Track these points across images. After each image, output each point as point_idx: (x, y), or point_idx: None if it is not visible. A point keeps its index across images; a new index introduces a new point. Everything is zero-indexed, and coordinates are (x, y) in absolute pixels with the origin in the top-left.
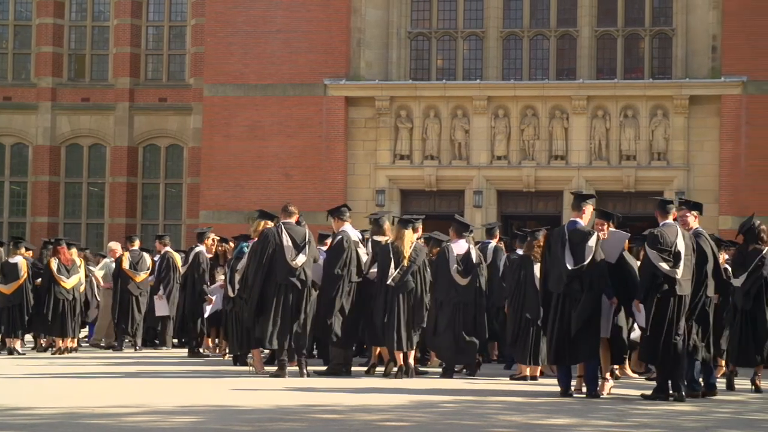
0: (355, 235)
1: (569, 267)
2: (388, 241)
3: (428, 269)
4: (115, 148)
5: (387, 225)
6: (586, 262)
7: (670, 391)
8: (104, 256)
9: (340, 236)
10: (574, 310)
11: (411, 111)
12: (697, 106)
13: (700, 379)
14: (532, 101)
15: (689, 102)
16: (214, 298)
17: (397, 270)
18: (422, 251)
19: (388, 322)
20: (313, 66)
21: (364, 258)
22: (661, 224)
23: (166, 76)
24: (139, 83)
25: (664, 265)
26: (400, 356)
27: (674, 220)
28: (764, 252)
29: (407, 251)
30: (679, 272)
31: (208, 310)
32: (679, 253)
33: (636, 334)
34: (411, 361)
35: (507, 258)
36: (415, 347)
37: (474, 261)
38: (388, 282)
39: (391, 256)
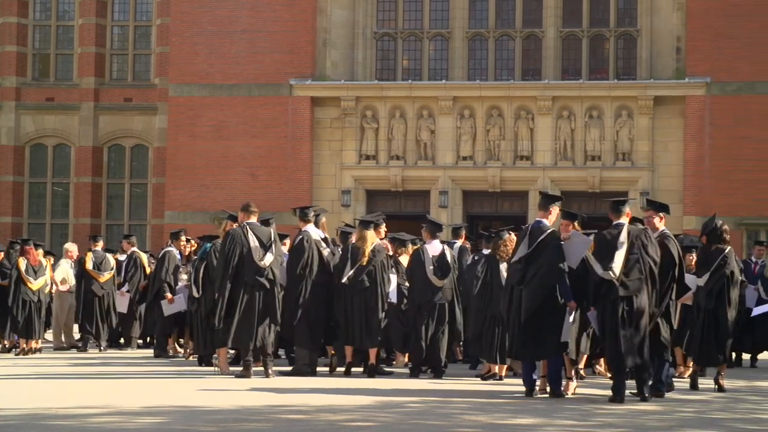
0: (316, 234)
1: (518, 261)
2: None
3: (387, 270)
4: (80, 148)
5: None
6: (530, 249)
7: (629, 392)
8: (53, 255)
9: (301, 236)
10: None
11: (377, 111)
12: (661, 107)
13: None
14: (498, 102)
15: (654, 103)
16: (176, 297)
17: (353, 269)
18: (381, 252)
19: (344, 320)
20: (279, 66)
21: (329, 258)
22: (613, 224)
23: (132, 76)
24: (104, 83)
25: (597, 268)
26: (349, 351)
27: (630, 221)
28: (726, 251)
29: (367, 251)
30: (614, 273)
31: (165, 308)
32: (614, 254)
33: None
34: (372, 359)
35: (471, 258)
36: (377, 346)
37: (449, 261)
38: (342, 280)
39: (349, 256)
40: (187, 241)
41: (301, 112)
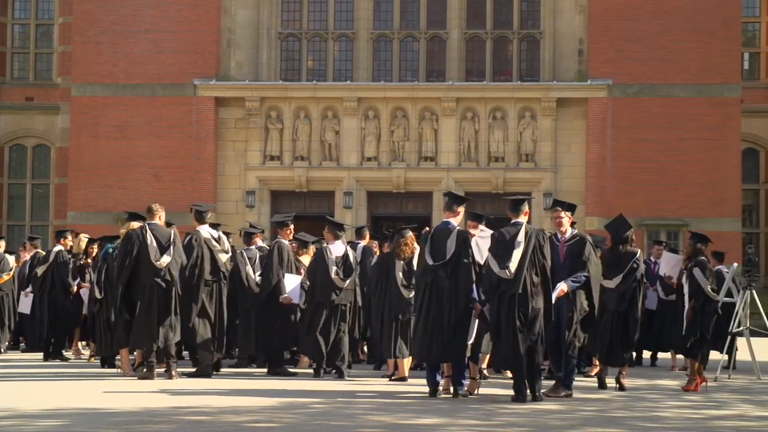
0: (206, 233)
1: (430, 263)
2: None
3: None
4: None
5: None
6: (446, 259)
7: (528, 392)
8: None
9: (189, 236)
10: (445, 305)
11: (281, 112)
12: (564, 109)
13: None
14: (402, 103)
15: (556, 104)
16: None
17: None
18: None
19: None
20: (183, 66)
21: (223, 258)
22: (511, 223)
23: (33, 75)
24: (5, 82)
25: (495, 267)
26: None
27: (528, 219)
28: (639, 255)
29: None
30: (510, 272)
31: (22, 304)
32: (511, 253)
33: None
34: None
35: (376, 258)
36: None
37: (352, 262)
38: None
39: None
40: (91, 241)
41: (206, 113)
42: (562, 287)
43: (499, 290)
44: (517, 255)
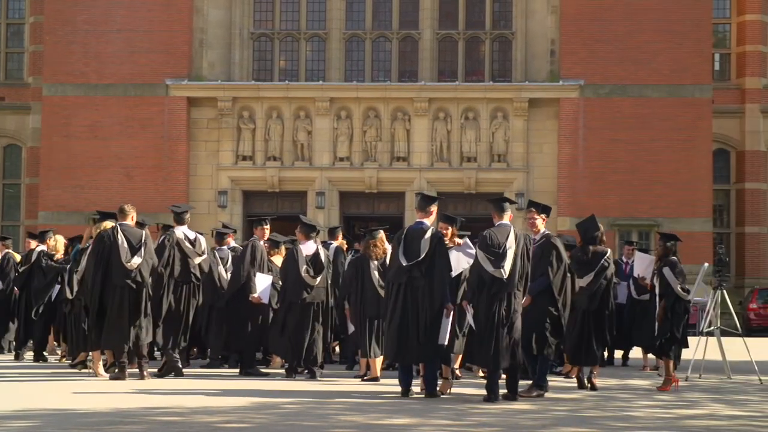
0: (181, 233)
1: (404, 263)
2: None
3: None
4: None
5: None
6: (420, 258)
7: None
8: None
9: (163, 237)
10: (420, 305)
11: (253, 112)
12: (536, 109)
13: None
14: (375, 103)
15: (528, 105)
16: None
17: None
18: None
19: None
20: (155, 66)
21: (197, 260)
22: (496, 225)
23: (4, 75)
24: None
25: (489, 266)
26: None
27: (510, 220)
28: (608, 254)
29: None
30: (505, 272)
31: None
32: (505, 253)
33: None
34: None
35: (349, 258)
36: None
37: (323, 261)
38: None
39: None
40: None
41: (178, 113)
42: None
43: (492, 290)
44: (510, 256)
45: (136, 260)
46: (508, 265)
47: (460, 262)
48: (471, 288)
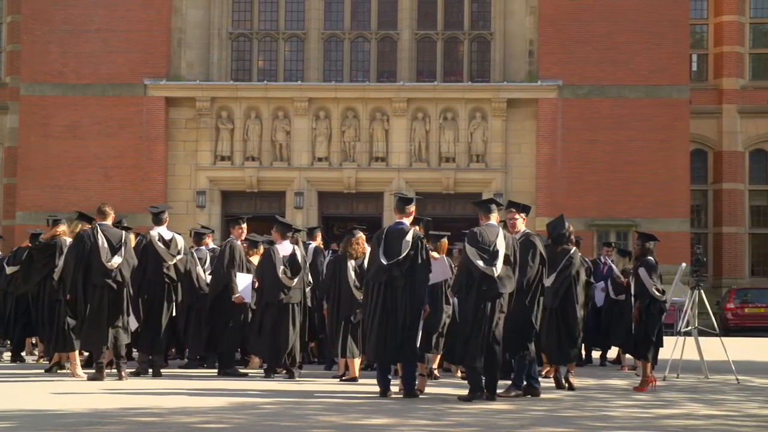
0: (156, 233)
1: (384, 262)
2: None
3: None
4: None
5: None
6: (401, 257)
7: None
8: None
9: (140, 237)
10: (399, 304)
11: (232, 112)
12: (514, 109)
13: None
14: (353, 103)
15: (507, 105)
16: None
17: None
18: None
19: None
20: (133, 66)
21: (171, 261)
22: (483, 225)
23: None
24: None
25: (480, 263)
26: None
27: (497, 222)
28: (572, 252)
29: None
30: (497, 270)
31: None
32: (497, 252)
33: None
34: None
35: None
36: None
37: (300, 262)
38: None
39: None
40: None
41: (156, 113)
42: None
43: (482, 287)
44: (501, 256)
45: (117, 260)
46: (499, 264)
47: (443, 272)
48: (458, 283)
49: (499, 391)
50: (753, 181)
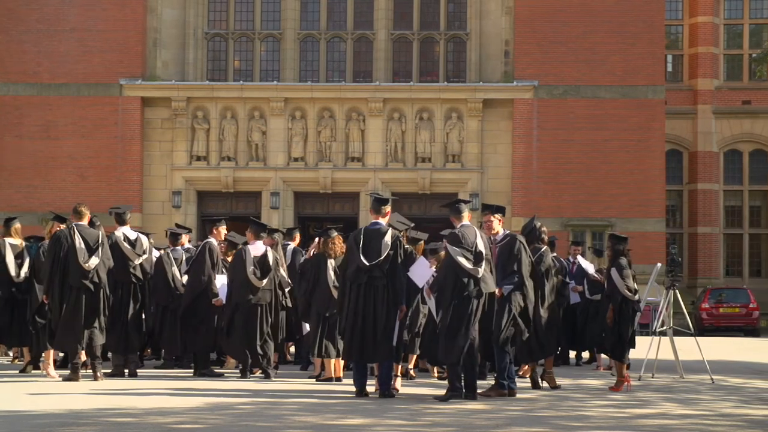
0: (121, 233)
1: (366, 263)
2: None
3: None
4: None
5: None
6: (382, 258)
7: (464, 389)
8: None
9: (108, 238)
10: (380, 305)
11: (208, 112)
12: (490, 110)
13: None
14: (329, 103)
15: (483, 105)
16: None
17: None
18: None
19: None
20: (109, 66)
21: (137, 260)
22: (459, 226)
23: None
24: None
25: (466, 263)
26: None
27: (470, 220)
28: (542, 250)
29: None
30: (481, 270)
31: None
32: (480, 252)
33: None
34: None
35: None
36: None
37: (270, 263)
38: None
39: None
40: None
41: (131, 113)
42: (496, 290)
43: (467, 288)
44: (483, 257)
45: (94, 261)
46: (483, 265)
47: (423, 274)
48: (438, 282)
49: (480, 390)
50: (727, 181)
